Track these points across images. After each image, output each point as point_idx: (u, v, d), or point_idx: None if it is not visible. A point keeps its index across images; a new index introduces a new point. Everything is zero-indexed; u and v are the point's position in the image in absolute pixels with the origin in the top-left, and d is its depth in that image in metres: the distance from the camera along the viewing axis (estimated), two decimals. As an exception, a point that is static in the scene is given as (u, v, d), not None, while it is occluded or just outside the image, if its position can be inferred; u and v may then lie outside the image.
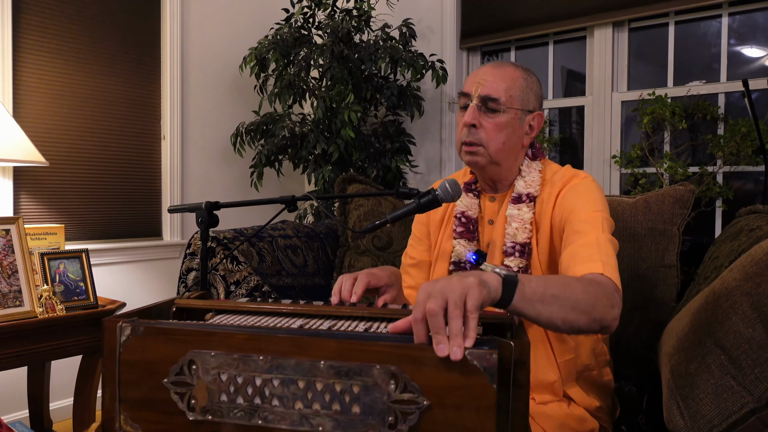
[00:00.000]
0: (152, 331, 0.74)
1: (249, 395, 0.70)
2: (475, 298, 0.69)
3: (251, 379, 0.70)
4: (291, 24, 2.89)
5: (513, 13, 2.86)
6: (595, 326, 0.89)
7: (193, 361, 0.72)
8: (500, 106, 1.18)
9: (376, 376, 0.66)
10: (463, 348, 0.65)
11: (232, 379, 0.71)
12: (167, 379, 0.73)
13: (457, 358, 0.64)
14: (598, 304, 0.89)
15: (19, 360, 1.75)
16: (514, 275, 0.78)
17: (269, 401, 0.70)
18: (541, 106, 1.26)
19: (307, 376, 0.68)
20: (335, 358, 0.68)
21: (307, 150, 2.81)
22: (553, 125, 2.95)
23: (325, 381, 0.68)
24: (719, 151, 2.34)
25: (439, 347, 0.65)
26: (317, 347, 0.69)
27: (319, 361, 0.68)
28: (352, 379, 0.67)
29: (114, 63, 2.76)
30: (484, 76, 1.20)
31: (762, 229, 1.24)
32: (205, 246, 1.19)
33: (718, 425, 0.91)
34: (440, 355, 0.65)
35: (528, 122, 1.23)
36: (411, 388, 0.66)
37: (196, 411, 0.72)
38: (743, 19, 2.40)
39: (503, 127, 1.19)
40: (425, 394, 0.66)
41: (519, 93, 1.20)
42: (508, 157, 1.23)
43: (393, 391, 0.66)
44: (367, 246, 2.03)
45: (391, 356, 0.67)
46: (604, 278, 0.96)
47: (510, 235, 1.20)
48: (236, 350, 0.71)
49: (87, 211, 2.69)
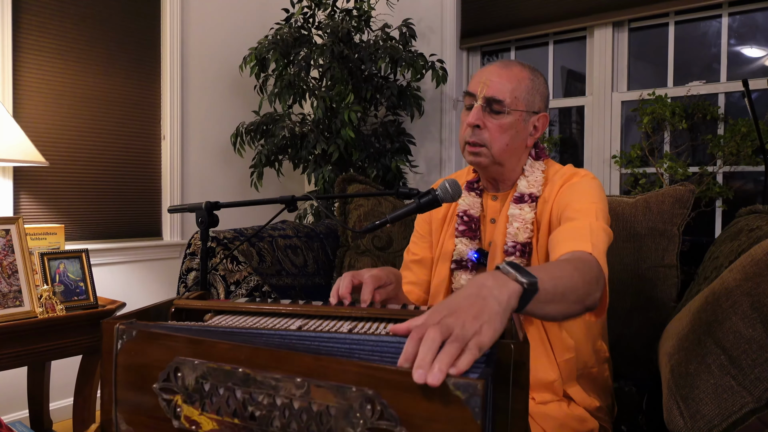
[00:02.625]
0: (144, 335, 0.73)
1: (229, 408, 0.68)
2: (485, 340, 0.63)
3: (232, 391, 0.67)
4: (291, 24, 2.89)
5: (513, 13, 2.86)
6: (583, 310, 0.89)
7: (179, 368, 0.70)
8: (505, 107, 1.18)
9: (352, 399, 0.61)
10: (444, 373, 0.57)
11: (213, 389, 0.68)
12: (156, 385, 0.72)
13: (435, 383, 0.56)
14: (591, 290, 0.88)
15: (19, 360, 1.75)
16: (535, 282, 0.74)
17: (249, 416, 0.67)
18: (546, 107, 1.26)
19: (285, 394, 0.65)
20: (312, 375, 0.63)
21: (307, 150, 2.81)
22: (553, 125, 2.95)
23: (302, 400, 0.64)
24: (719, 151, 2.34)
25: (417, 373, 0.57)
26: (295, 362, 0.65)
27: (296, 377, 0.64)
28: (328, 399, 0.62)
29: (114, 63, 2.76)
30: (490, 76, 1.20)
31: (762, 229, 1.24)
32: (205, 246, 1.19)
33: (718, 425, 0.91)
34: (417, 381, 0.57)
35: (533, 123, 1.23)
36: (388, 416, 0.59)
37: (180, 419, 0.70)
38: (743, 19, 2.40)
39: (507, 128, 1.19)
40: (403, 423, 0.59)
41: (524, 94, 1.19)
42: (511, 157, 1.23)
43: (369, 417, 0.60)
44: (367, 246, 2.03)
45: (369, 379, 0.60)
46: (591, 258, 0.95)
47: (511, 235, 1.20)
48: (218, 360, 0.68)
49: (87, 211, 2.69)
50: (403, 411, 0.59)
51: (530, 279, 0.73)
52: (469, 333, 0.62)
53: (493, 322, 0.65)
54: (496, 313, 0.66)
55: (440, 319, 0.63)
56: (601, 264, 0.96)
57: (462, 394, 0.57)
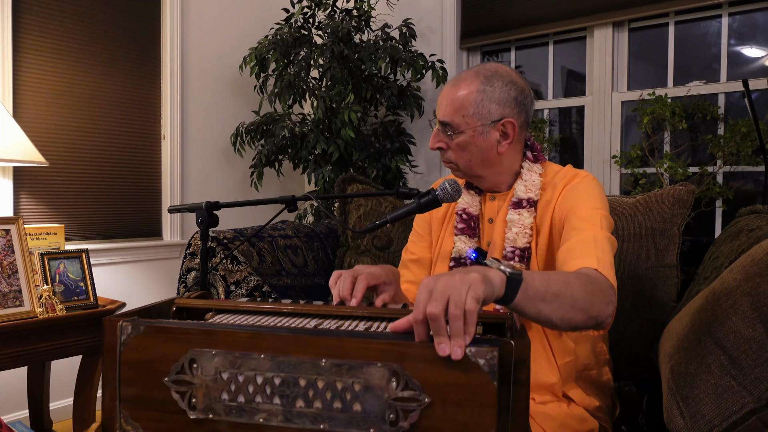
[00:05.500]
0: (153, 330, 0.74)
1: (250, 394, 0.70)
2: (476, 293, 0.69)
3: (252, 378, 0.70)
4: (291, 24, 2.89)
5: (513, 13, 2.86)
6: (591, 323, 0.89)
7: (194, 360, 0.72)
8: (455, 128, 1.19)
9: (377, 374, 0.67)
10: (464, 348, 0.65)
11: (233, 377, 0.71)
12: (168, 378, 0.73)
13: (458, 357, 0.65)
14: (595, 301, 0.89)
15: (19, 360, 1.75)
16: (518, 273, 0.78)
17: (270, 399, 0.70)
18: (515, 108, 1.19)
19: (309, 374, 0.68)
20: (336, 356, 0.68)
21: (307, 150, 2.81)
22: (553, 125, 2.95)
23: (327, 379, 0.68)
24: (719, 151, 2.34)
25: (440, 347, 0.65)
26: (319, 345, 0.69)
27: (320, 359, 0.68)
28: (353, 376, 0.67)
29: (114, 63, 2.76)
30: (442, 99, 1.21)
31: (762, 229, 1.24)
32: (205, 246, 1.19)
33: (718, 425, 0.91)
34: (442, 354, 0.65)
35: (497, 132, 1.19)
36: (412, 386, 0.66)
37: (197, 409, 0.72)
38: (743, 19, 2.40)
39: (465, 146, 1.20)
40: (426, 391, 0.66)
41: (474, 109, 1.17)
42: (487, 168, 1.23)
43: (394, 389, 0.66)
44: (367, 246, 2.03)
45: (392, 354, 0.67)
46: (598, 274, 0.95)
47: (510, 240, 1.20)
48: (238, 348, 0.71)
49: (87, 211, 2.69)
50: (425, 380, 0.66)
51: (512, 270, 0.78)
52: (463, 292, 0.68)
53: (479, 281, 0.70)
54: (479, 279, 0.71)
55: (431, 292, 0.69)
56: (609, 278, 0.96)
57: (480, 360, 0.65)
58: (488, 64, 1.23)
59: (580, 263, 0.99)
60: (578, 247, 1.03)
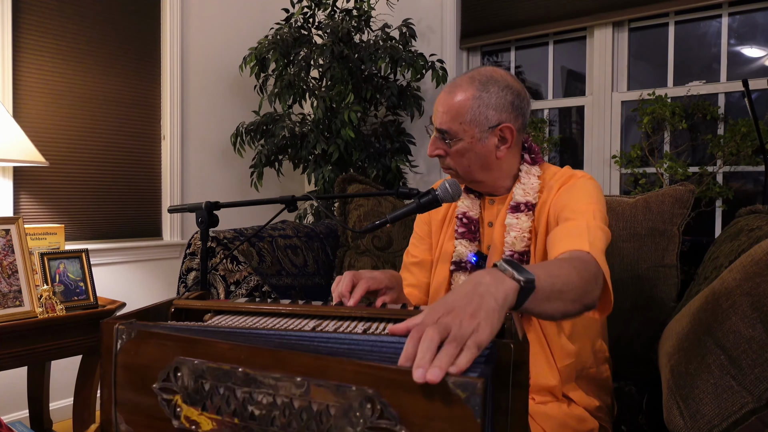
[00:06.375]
0: (145, 335, 0.73)
1: (229, 408, 0.68)
2: (482, 338, 0.62)
3: (232, 391, 0.68)
4: (291, 24, 2.89)
5: (513, 13, 2.86)
6: (582, 309, 0.88)
7: (179, 368, 0.70)
8: (453, 136, 1.19)
9: (352, 398, 0.61)
10: (444, 371, 0.57)
11: (213, 389, 0.68)
12: (156, 385, 0.72)
13: (435, 379, 0.56)
14: (589, 289, 0.88)
15: (19, 360, 1.75)
16: (532, 281, 0.74)
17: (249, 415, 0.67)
18: (513, 113, 1.19)
19: (285, 393, 0.65)
20: (312, 375, 0.63)
21: (307, 150, 2.81)
22: (553, 125, 2.95)
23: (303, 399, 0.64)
24: (719, 151, 2.34)
25: (417, 371, 0.57)
26: (296, 362, 0.65)
27: (296, 376, 0.64)
28: (328, 399, 0.62)
29: (114, 63, 2.76)
30: (438, 106, 1.21)
31: (762, 229, 1.24)
32: (205, 246, 1.19)
33: (718, 425, 0.91)
34: (416, 379, 0.57)
35: (495, 137, 1.19)
36: (388, 415, 0.59)
37: (180, 419, 0.70)
38: (743, 19, 2.40)
39: (463, 152, 1.19)
40: (403, 422, 0.59)
41: (470, 116, 1.17)
42: (485, 172, 1.23)
43: (369, 416, 0.60)
44: (367, 246, 2.03)
45: (369, 378, 0.61)
46: (589, 257, 0.94)
47: (509, 244, 1.20)
48: (218, 360, 0.68)
49: (87, 211, 2.69)
50: (403, 410, 0.59)
51: (527, 276, 0.73)
52: (467, 331, 0.62)
53: (491, 319, 0.65)
54: (493, 310, 0.66)
55: (438, 318, 0.64)
56: (600, 262, 0.95)
57: (462, 392, 0.57)
58: (483, 68, 1.23)
59: (572, 244, 0.98)
60: (570, 231, 1.02)
